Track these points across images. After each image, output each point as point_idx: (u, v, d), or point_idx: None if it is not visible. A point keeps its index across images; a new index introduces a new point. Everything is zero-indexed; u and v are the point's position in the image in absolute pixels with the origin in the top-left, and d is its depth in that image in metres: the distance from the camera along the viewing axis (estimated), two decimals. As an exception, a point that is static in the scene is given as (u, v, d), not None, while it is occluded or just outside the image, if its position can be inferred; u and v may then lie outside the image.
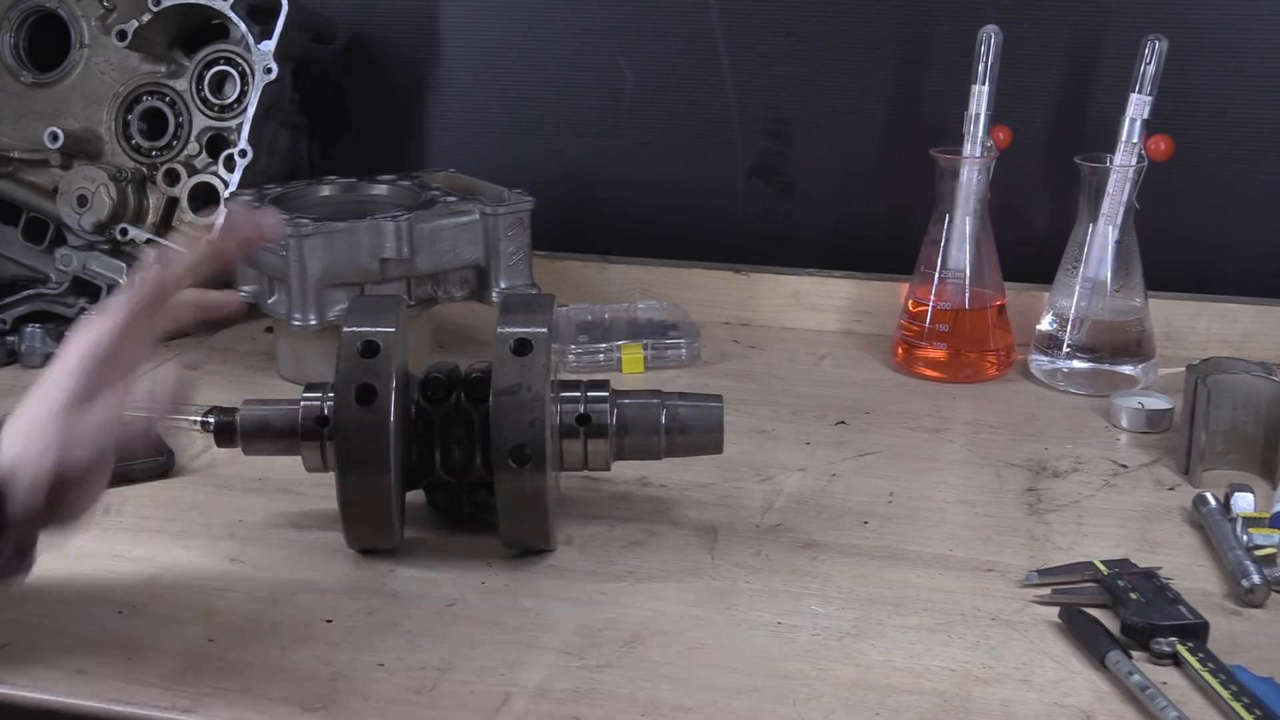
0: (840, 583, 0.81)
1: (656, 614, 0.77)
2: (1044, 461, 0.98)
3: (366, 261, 1.08)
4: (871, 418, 1.06)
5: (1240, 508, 0.86)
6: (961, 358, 1.13)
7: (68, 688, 0.70)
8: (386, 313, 0.83)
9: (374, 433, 0.78)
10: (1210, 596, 0.79)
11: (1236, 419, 0.95)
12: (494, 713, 0.68)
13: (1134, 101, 1.08)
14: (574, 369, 1.15)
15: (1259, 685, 0.68)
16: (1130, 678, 0.69)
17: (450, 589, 0.80)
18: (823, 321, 1.27)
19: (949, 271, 1.13)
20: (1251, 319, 1.18)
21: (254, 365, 1.18)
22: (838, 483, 0.95)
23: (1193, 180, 1.21)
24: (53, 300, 1.24)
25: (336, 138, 1.42)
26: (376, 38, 1.40)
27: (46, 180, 1.25)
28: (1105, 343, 1.10)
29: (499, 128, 1.38)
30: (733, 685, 0.70)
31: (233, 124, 1.24)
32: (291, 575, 0.81)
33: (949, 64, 1.19)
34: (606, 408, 0.84)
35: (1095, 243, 1.10)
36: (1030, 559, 0.83)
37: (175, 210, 1.25)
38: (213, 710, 0.68)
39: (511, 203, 1.13)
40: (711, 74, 1.31)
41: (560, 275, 1.29)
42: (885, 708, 0.68)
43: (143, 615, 0.77)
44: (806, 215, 1.33)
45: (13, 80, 1.28)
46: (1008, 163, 1.14)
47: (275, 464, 0.87)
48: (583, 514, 0.89)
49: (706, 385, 1.12)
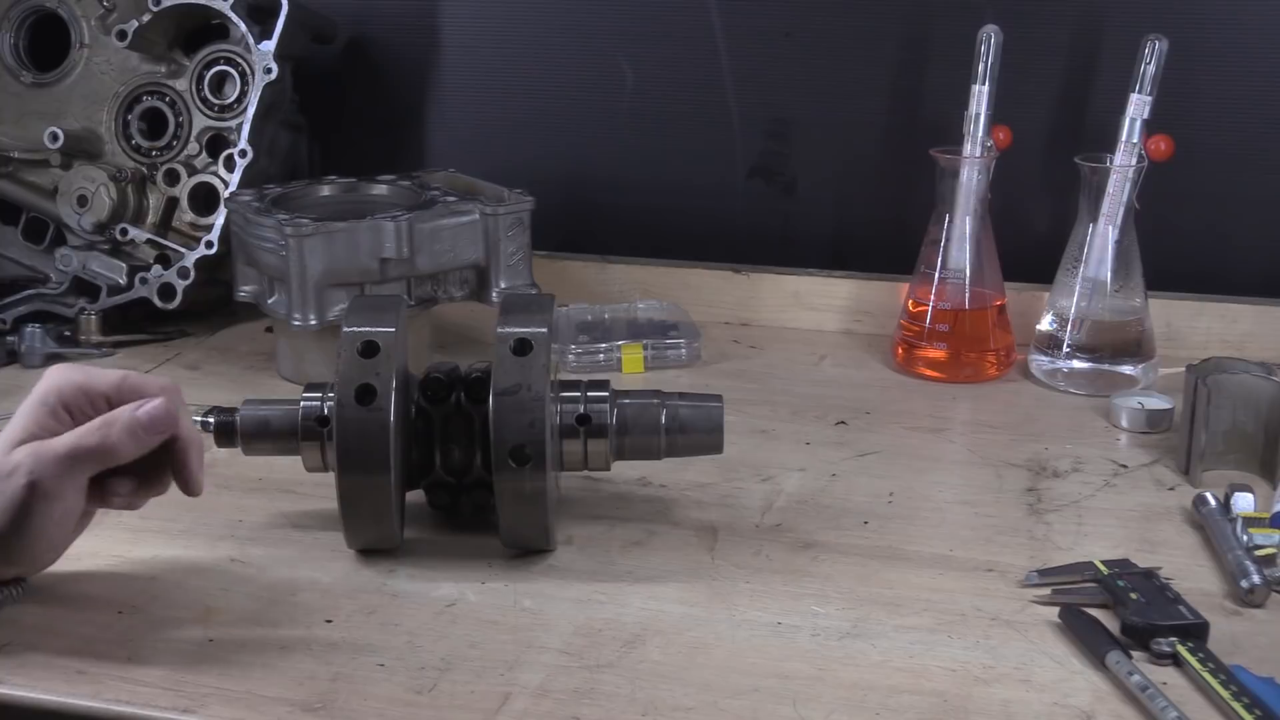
0: (840, 583, 0.81)
1: (656, 614, 0.77)
2: (1044, 461, 0.98)
3: (366, 261, 1.08)
4: (871, 418, 1.06)
5: (1240, 508, 0.86)
6: (961, 358, 1.13)
7: (68, 688, 0.70)
8: (386, 313, 0.83)
9: (374, 433, 0.78)
10: (1210, 596, 0.79)
11: (1236, 419, 0.95)
12: (494, 713, 0.68)
13: (1134, 101, 1.08)
14: (574, 369, 1.15)
15: (1259, 685, 0.68)
16: (1130, 678, 0.69)
17: (450, 589, 0.80)
18: (823, 321, 1.27)
19: (949, 271, 1.13)
20: (1252, 319, 1.18)
21: (254, 365, 1.18)
22: (838, 483, 0.95)
23: (1193, 180, 1.21)
24: (53, 300, 1.24)
25: (336, 138, 1.42)
26: (376, 38, 1.40)
27: (46, 180, 1.25)
28: (1105, 343, 1.10)
29: (499, 128, 1.38)
30: (733, 685, 0.70)
31: (233, 124, 1.24)
32: (291, 575, 0.81)
33: (949, 64, 1.19)
34: (606, 408, 0.84)
35: (1095, 243, 1.10)
36: (1030, 559, 0.83)
37: (175, 210, 1.25)
38: (213, 710, 0.68)
39: (511, 203, 1.13)
40: (711, 74, 1.31)
41: (560, 275, 1.29)
42: (885, 708, 0.68)
43: (143, 615, 0.77)
44: (806, 215, 1.33)
45: (13, 80, 1.28)
46: (1008, 163, 1.14)
47: (275, 464, 0.87)
48: (583, 514, 0.89)
49: (706, 385, 1.12)
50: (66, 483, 0.73)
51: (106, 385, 0.76)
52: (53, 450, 0.72)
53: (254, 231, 1.10)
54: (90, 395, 0.76)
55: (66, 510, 0.74)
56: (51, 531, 0.74)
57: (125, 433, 0.73)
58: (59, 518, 0.73)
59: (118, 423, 0.73)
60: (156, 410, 0.74)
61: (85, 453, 0.72)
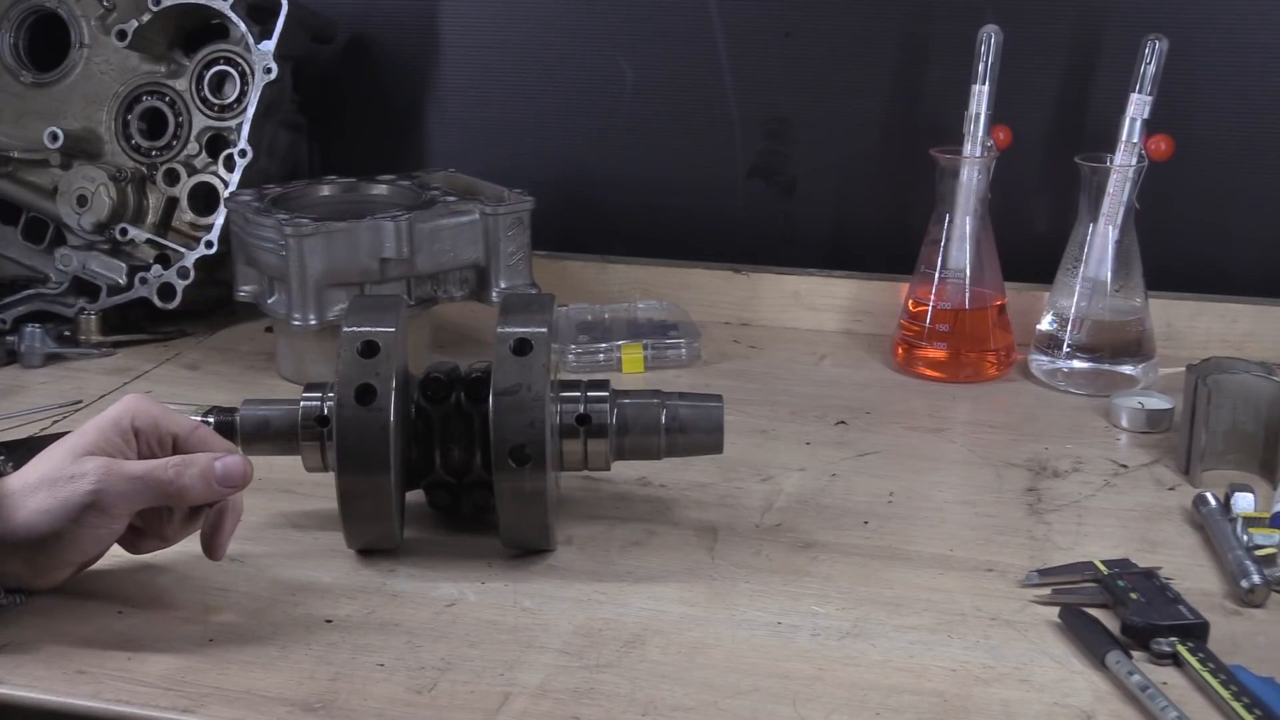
0: (840, 583, 0.81)
1: (656, 614, 0.77)
2: (1044, 461, 0.98)
3: (366, 261, 1.08)
4: (871, 418, 1.06)
5: (1240, 508, 0.86)
6: (961, 358, 1.13)
7: (68, 688, 0.70)
8: (386, 313, 0.83)
9: (374, 433, 0.78)
10: (1210, 596, 0.79)
11: (1236, 419, 0.95)
12: (494, 713, 0.68)
13: (1134, 101, 1.08)
14: (574, 369, 1.15)
15: (1259, 685, 0.68)
16: (1130, 678, 0.69)
17: (450, 589, 0.80)
18: (823, 321, 1.27)
19: (949, 271, 1.13)
20: (1252, 319, 1.18)
21: (254, 365, 1.18)
22: (838, 483, 0.95)
23: (1193, 180, 1.21)
24: (52, 300, 1.24)
25: (336, 138, 1.42)
26: (376, 38, 1.40)
27: (46, 180, 1.25)
28: (1105, 343, 1.10)
29: (499, 128, 1.38)
30: (733, 685, 0.70)
31: (233, 124, 1.24)
32: (291, 575, 0.81)
33: (949, 64, 1.19)
34: (606, 408, 0.84)
35: (1095, 243, 1.10)
36: (1030, 559, 0.83)
37: (175, 210, 1.25)
38: (213, 710, 0.68)
39: (511, 203, 1.13)
40: (711, 74, 1.31)
41: (560, 275, 1.29)
42: (885, 708, 0.68)
43: (143, 615, 0.77)
44: (806, 215, 1.33)
45: (13, 80, 1.28)
46: (1008, 163, 1.14)
47: (275, 464, 0.87)
48: (583, 514, 0.89)
49: (706, 385, 1.12)
50: (125, 505, 0.74)
51: (179, 427, 0.78)
52: (125, 470, 0.73)
53: (254, 231, 1.10)
54: (161, 431, 0.77)
55: (111, 532, 0.75)
56: (88, 546, 0.75)
57: (200, 477, 0.74)
58: (102, 535, 0.74)
59: (195, 465, 0.74)
60: (234, 466, 0.75)
61: (156, 483, 0.73)
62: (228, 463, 0.75)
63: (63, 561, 0.75)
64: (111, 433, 0.75)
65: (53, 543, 0.73)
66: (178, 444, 0.78)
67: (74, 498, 0.72)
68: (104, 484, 0.72)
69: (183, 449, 0.77)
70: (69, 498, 0.72)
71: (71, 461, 0.73)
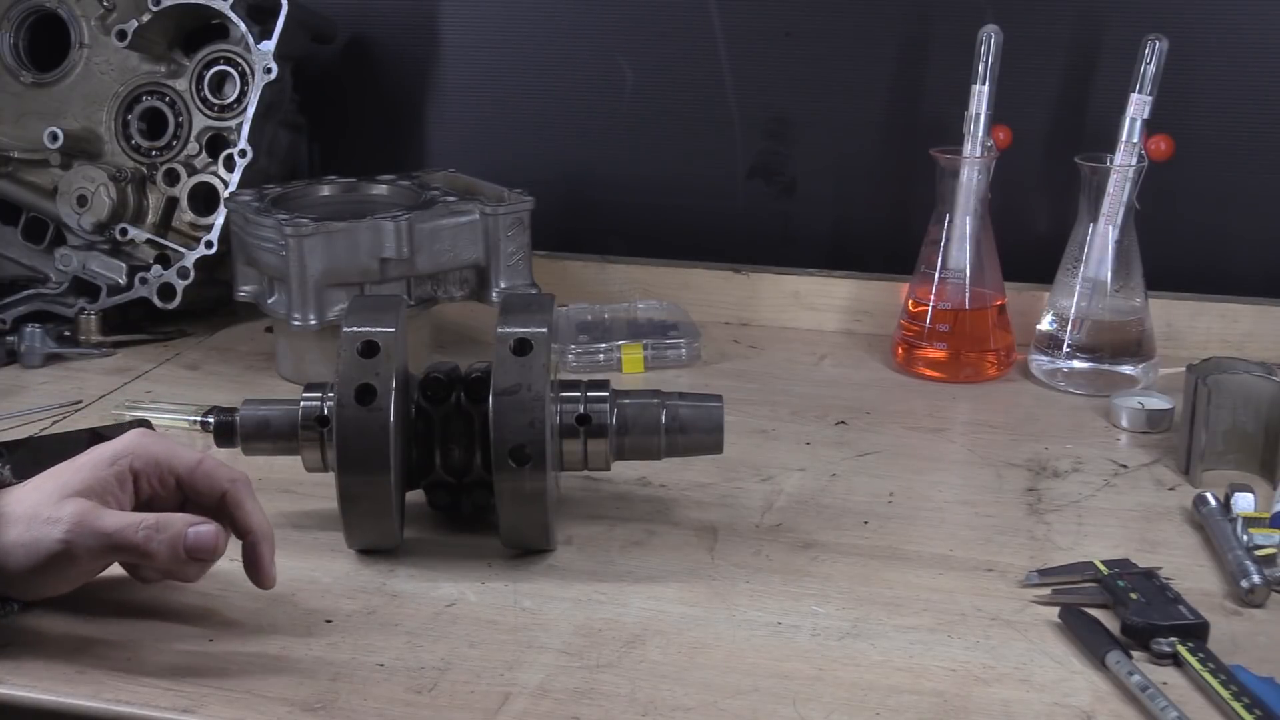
0: (840, 583, 0.81)
1: (656, 614, 0.77)
2: (1044, 461, 0.98)
3: (366, 261, 1.08)
4: (871, 418, 1.06)
5: (1240, 508, 0.86)
6: (961, 358, 1.13)
7: (68, 688, 0.70)
8: (386, 313, 0.83)
9: (374, 433, 0.78)
10: (1210, 596, 0.79)
11: (1236, 419, 0.95)
12: (494, 713, 0.68)
13: (1134, 101, 1.08)
14: (574, 369, 1.15)
15: (1259, 685, 0.68)
16: (1130, 678, 0.69)
17: (450, 589, 0.80)
18: (823, 321, 1.27)
19: (949, 271, 1.13)
20: (1252, 319, 1.18)
21: (254, 365, 1.18)
22: (838, 483, 0.95)
23: (1193, 180, 1.21)
24: (52, 300, 1.24)
25: (336, 138, 1.42)
26: (376, 38, 1.40)
27: (46, 180, 1.25)
28: (1105, 343, 1.10)
29: (499, 128, 1.38)
30: (733, 685, 0.70)
31: (233, 124, 1.24)
32: (291, 575, 0.81)
33: (949, 64, 1.19)
34: (606, 408, 0.84)
35: (1095, 243, 1.10)
36: (1030, 559, 0.83)
37: (175, 210, 1.25)
38: (213, 710, 0.68)
39: (511, 203, 1.13)
40: (711, 74, 1.31)
41: (560, 275, 1.29)
42: (885, 708, 0.68)
43: (143, 615, 0.77)
44: (806, 215, 1.33)
45: (13, 80, 1.28)
46: (1008, 163, 1.14)
47: (275, 464, 0.87)
48: (583, 514, 0.89)
49: (706, 385, 1.12)
50: (91, 560, 0.73)
51: (182, 466, 0.77)
52: (98, 524, 0.72)
53: (254, 231, 1.10)
54: (162, 470, 0.76)
55: (83, 573, 0.74)
56: (59, 585, 0.74)
57: (167, 546, 0.73)
58: (73, 577, 0.74)
59: (166, 531, 0.73)
60: (205, 538, 0.74)
61: (125, 543, 0.72)
62: (200, 533, 0.73)
63: (40, 590, 0.75)
64: (106, 472, 0.75)
65: (26, 574, 0.72)
66: (181, 482, 0.77)
67: (44, 542, 0.71)
68: (73, 536, 0.71)
69: (186, 486, 0.77)
70: (40, 540, 0.72)
71: (55, 502, 0.72)
